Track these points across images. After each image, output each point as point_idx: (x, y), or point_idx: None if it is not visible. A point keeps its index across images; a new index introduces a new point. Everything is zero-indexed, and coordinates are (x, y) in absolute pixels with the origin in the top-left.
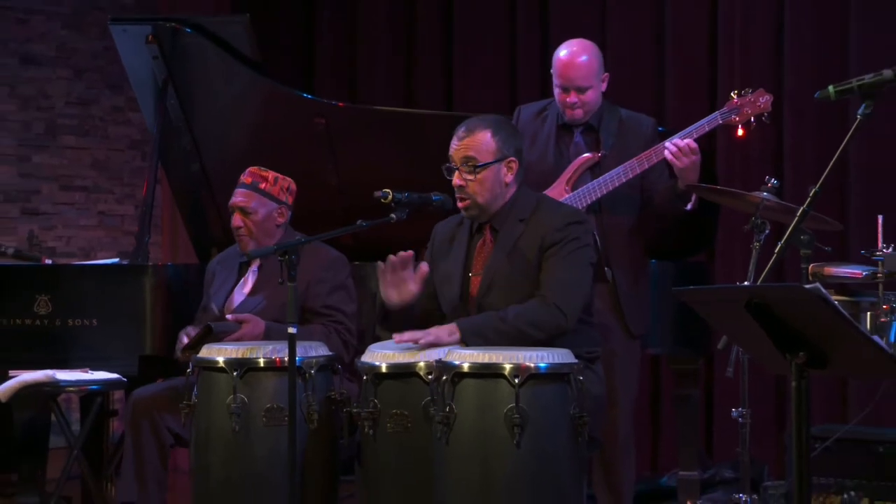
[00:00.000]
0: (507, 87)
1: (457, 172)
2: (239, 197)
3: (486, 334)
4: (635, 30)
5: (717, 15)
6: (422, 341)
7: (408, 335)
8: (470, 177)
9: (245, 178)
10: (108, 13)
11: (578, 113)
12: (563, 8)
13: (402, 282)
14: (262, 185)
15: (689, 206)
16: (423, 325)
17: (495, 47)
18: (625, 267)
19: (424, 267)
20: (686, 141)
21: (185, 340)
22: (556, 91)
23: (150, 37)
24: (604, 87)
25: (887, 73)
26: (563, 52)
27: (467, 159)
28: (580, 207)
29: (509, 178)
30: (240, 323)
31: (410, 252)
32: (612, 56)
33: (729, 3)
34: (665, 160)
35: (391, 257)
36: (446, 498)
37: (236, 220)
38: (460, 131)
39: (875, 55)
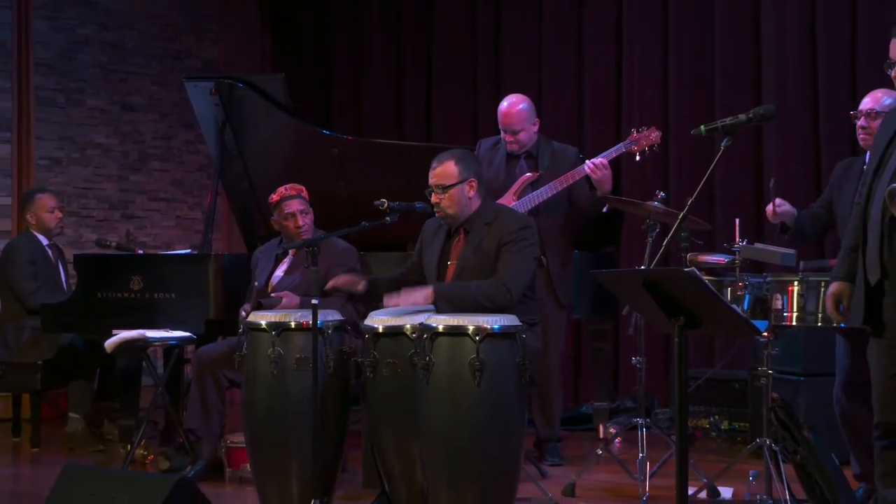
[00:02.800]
0: (471, 125)
1: (434, 194)
2: (297, 204)
3: (452, 298)
4: (563, 82)
5: (621, 71)
6: (403, 297)
7: (395, 298)
8: (442, 195)
9: (290, 191)
10: (183, 73)
11: (514, 147)
12: (511, 64)
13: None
14: (303, 194)
15: (603, 210)
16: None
17: (462, 95)
18: (556, 255)
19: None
20: (601, 161)
21: (243, 314)
22: (501, 132)
23: (213, 90)
24: (535, 129)
25: (742, 116)
26: (504, 104)
27: (439, 184)
28: (524, 212)
29: (472, 193)
30: (280, 298)
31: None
32: (547, 101)
33: (629, 62)
34: (586, 177)
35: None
36: (426, 423)
37: (298, 222)
38: (434, 164)
39: (734, 102)
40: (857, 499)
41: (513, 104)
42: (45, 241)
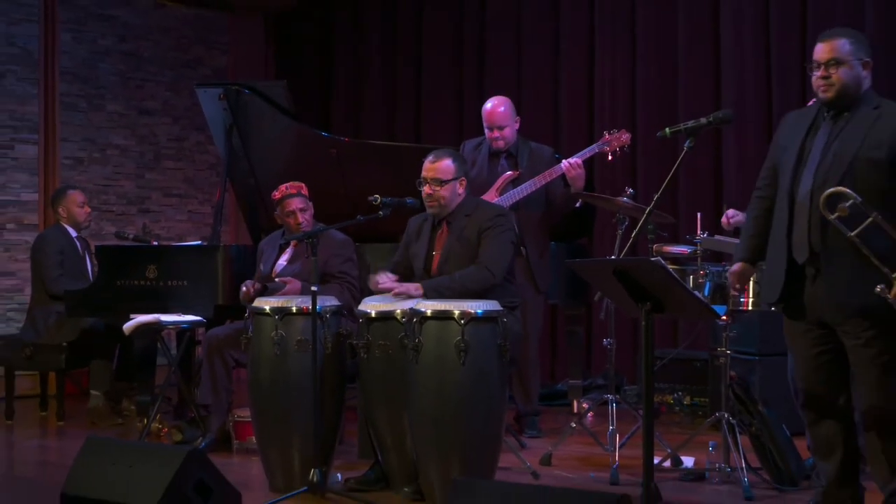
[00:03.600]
0: (456, 128)
1: (427, 185)
2: (297, 202)
3: (441, 290)
4: (540, 88)
5: (594, 78)
6: (395, 291)
7: (388, 283)
8: (438, 188)
9: (291, 189)
10: (194, 81)
11: (500, 143)
12: (492, 73)
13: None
14: (303, 192)
15: (577, 206)
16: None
17: (449, 101)
18: (534, 246)
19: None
20: (575, 160)
21: (244, 289)
22: (485, 130)
23: (222, 95)
24: (517, 126)
25: (703, 120)
26: (488, 105)
27: (436, 178)
28: (506, 206)
29: (461, 189)
30: (284, 283)
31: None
32: (526, 105)
33: (601, 70)
34: (562, 174)
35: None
36: (416, 400)
37: (298, 218)
38: (430, 158)
39: (696, 107)
40: (807, 467)
41: (497, 104)
42: (73, 234)
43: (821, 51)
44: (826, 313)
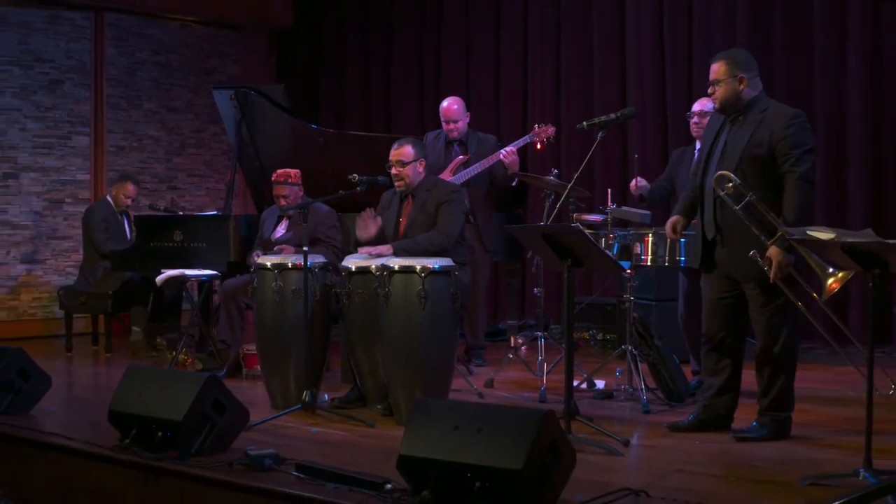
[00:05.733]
0: (419, 121)
1: (394, 167)
2: (282, 189)
3: (407, 249)
4: (486, 89)
5: (527, 80)
6: (373, 252)
7: (368, 249)
8: (402, 169)
9: (280, 177)
10: (212, 84)
11: (454, 133)
12: (446, 77)
13: (367, 225)
14: (290, 180)
15: (514, 184)
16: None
17: (413, 100)
18: (482, 215)
19: (379, 220)
20: (510, 149)
21: (254, 259)
22: (442, 123)
23: (233, 96)
24: (467, 120)
25: (612, 115)
26: (444, 103)
27: (400, 160)
28: (458, 183)
29: (421, 169)
30: (281, 250)
31: (372, 211)
32: (474, 102)
33: (532, 74)
34: (501, 160)
35: (366, 210)
36: (386, 336)
37: (282, 202)
38: (395, 146)
39: (607, 104)
40: (692, 387)
41: (451, 102)
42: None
43: (710, 71)
44: (731, 271)
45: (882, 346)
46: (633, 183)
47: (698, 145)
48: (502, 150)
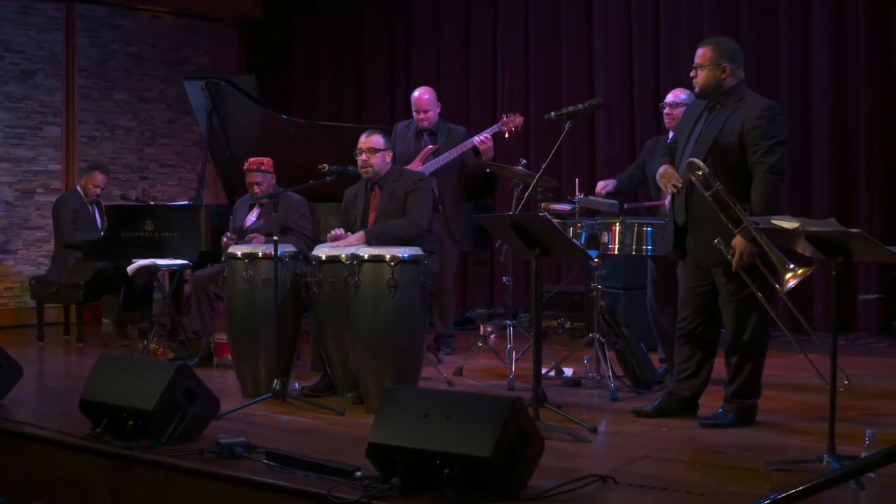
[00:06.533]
0: (389, 112)
1: (363, 154)
2: (255, 177)
3: (379, 235)
4: (456, 79)
5: (496, 71)
6: (342, 242)
7: (339, 242)
8: (372, 156)
9: (252, 165)
10: (183, 75)
11: (425, 123)
12: (417, 68)
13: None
14: (263, 168)
15: (487, 171)
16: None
17: (383, 91)
18: (451, 204)
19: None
20: (486, 135)
21: (225, 239)
22: (413, 112)
23: (204, 87)
24: (438, 110)
25: (580, 106)
26: (416, 93)
27: (371, 148)
28: (428, 174)
29: (388, 158)
30: (252, 240)
31: (341, 230)
32: (444, 93)
33: (502, 65)
34: (473, 147)
35: (334, 231)
36: (356, 325)
37: (255, 189)
38: (365, 134)
39: (575, 95)
40: (659, 374)
41: (423, 92)
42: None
43: (695, 55)
44: (700, 259)
45: (846, 334)
46: (598, 187)
47: (671, 135)
48: (477, 137)
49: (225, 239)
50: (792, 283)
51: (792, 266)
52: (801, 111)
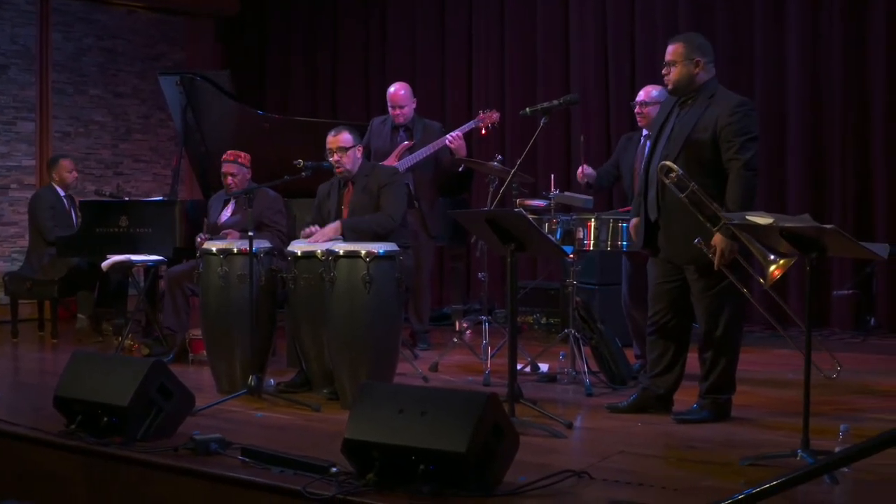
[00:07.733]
0: (365, 107)
1: (334, 154)
2: (231, 168)
3: (355, 227)
4: (432, 75)
5: (472, 66)
6: (316, 235)
7: (316, 237)
8: (343, 155)
9: (229, 156)
10: (158, 70)
11: (400, 119)
12: (393, 63)
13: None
14: (239, 160)
15: (460, 169)
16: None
17: (359, 86)
18: (426, 200)
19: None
20: (456, 134)
21: (199, 240)
22: (389, 108)
23: (178, 82)
24: (414, 105)
25: (555, 102)
26: (391, 88)
27: (340, 147)
28: (403, 170)
29: (358, 155)
30: (226, 235)
31: (315, 227)
32: (420, 88)
33: (477, 60)
34: (446, 145)
35: (308, 229)
36: (332, 321)
37: (228, 180)
38: (332, 133)
39: (550, 91)
40: (634, 370)
41: (398, 87)
42: (62, 193)
43: (666, 52)
44: (672, 255)
45: (820, 329)
46: (579, 171)
47: (644, 132)
48: (448, 135)
49: (199, 239)
50: (777, 276)
51: (773, 258)
52: (775, 107)
